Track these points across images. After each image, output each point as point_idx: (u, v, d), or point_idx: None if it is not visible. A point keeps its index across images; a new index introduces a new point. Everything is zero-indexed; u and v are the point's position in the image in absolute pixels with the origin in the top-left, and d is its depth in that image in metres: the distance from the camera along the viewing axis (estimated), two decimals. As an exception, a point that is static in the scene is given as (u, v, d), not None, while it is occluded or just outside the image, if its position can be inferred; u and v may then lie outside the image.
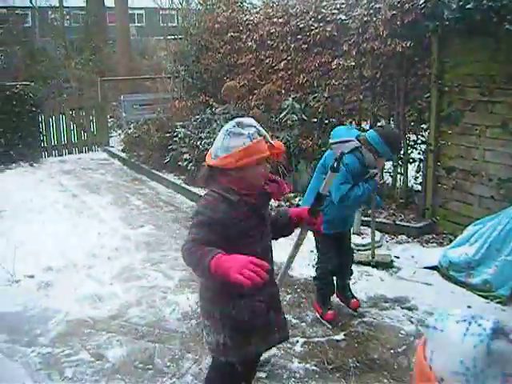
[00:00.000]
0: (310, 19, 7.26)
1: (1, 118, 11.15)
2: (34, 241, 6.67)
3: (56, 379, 3.90)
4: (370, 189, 4.22)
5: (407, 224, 6.52)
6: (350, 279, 4.83)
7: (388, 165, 7.22)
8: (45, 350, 4.30)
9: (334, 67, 6.86)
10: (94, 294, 5.29)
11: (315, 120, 7.47)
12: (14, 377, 3.94)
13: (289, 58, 7.76)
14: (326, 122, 7.41)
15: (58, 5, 21.08)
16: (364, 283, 5.31)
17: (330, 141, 4.37)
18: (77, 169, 11.25)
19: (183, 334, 4.48)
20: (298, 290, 5.25)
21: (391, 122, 7.17)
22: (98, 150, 12.98)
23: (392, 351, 4.11)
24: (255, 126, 2.52)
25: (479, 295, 4.98)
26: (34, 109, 11.58)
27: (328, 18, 7.07)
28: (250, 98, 8.64)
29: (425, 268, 5.56)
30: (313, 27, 7.16)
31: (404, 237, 6.43)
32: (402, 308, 4.78)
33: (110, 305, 5.06)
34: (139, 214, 7.96)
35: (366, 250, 5.85)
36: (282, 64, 7.85)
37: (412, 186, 7.21)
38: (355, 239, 6.22)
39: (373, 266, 5.56)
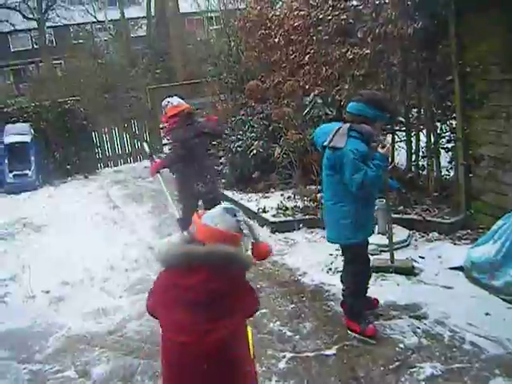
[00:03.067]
0: (328, 9, 6.88)
1: (55, 133, 11.56)
2: (61, 255, 6.79)
3: (36, 398, 3.86)
4: (380, 164, 3.88)
5: (439, 220, 5.98)
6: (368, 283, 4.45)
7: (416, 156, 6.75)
8: (36, 367, 4.32)
9: (351, 57, 6.44)
10: (101, 308, 5.26)
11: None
12: (-1, 396, 3.95)
13: (312, 51, 7.40)
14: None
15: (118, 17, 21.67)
16: (377, 288, 4.89)
17: (323, 141, 4.06)
18: (127, 178, 11.46)
19: (171, 350, 4.30)
20: (304, 299, 4.94)
21: (421, 111, 6.67)
22: (152, 158, 13.16)
23: (382, 368, 3.72)
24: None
25: (503, 299, 4.43)
26: (85, 122, 11.91)
27: (342, 5, 6.67)
28: (282, 95, 8.35)
29: (450, 269, 5.06)
30: (330, 17, 6.78)
31: (436, 234, 5.90)
32: (410, 317, 4.35)
33: (113, 319, 5.02)
34: (172, 223, 7.89)
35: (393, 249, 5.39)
36: (307, 58, 7.51)
37: (446, 178, 6.64)
38: (380, 239, 5.81)
39: (390, 273, 5.11)
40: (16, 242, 7.66)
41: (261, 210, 7.32)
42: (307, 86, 7.52)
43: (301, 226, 6.76)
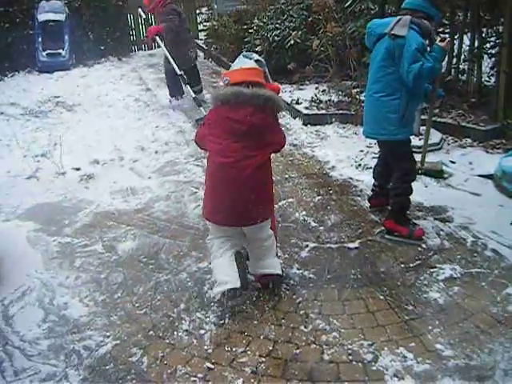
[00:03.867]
0: None
1: (89, 13, 11.25)
2: (93, 134, 6.83)
3: (65, 268, 4.01)
4: (437, 56, 3.76)
5: (473, 126, 5.74)
6: None
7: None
8: (65, 239, 4.43)
9: None
10: (130, 187, 5.33)
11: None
12: (30, 263, 4.10)
13: None
14: (394, 12, 6.55)
15: None
16: (405, 188, 4.81)
17: (383, 30, 3.85)
18: (161, 62, 11.15)
19: (196, 231, 4.38)
20: (331, 192, 4.90)
21: (468, 13, 6.21)
22: (187, 43, 12.83)
23: (402, 265, 3.71)
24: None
25: (532, 210, 4.31)
26: (120, 3, 11.52)
27: None
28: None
29: (480, 176, 4.91)
30: None
31: (469, 140, 5.70)
32: (435, 219, 4.28)
33: (140, 199, 5.08)
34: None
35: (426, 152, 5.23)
36: None
37: (485, 85, 6.29)
38: (414, 141, 5.63)
39: (420, 174, 4.96)
40: (48, 119, 7.70)
41: (294, 102, 7.14)
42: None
43: (333, 120, 6.61)
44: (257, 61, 3.39)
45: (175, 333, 3.20)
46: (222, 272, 3.32)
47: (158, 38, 7.61)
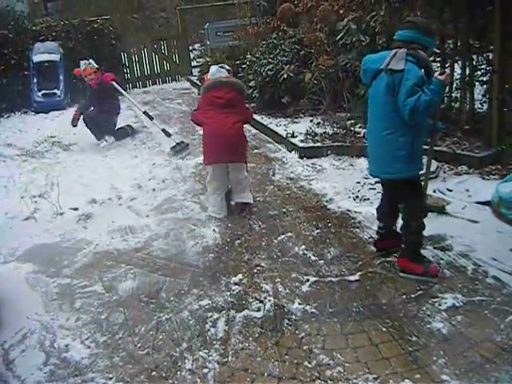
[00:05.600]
0: None
1: (83, 52, 11.38)
2: (89, 173, 6.87)
3: (65, 309, 3.98)
4: (435, 89, 3.60)
5: (468, 153, 5.79)
6: None
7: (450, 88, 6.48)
8: (65, 280, 4.41)
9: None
10: (128, 226, 5.33)
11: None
12: (30, 305, 4.07)
13: (348, -28, 7.03)
14: (384, 43, 6.68)
15: None
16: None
17: (379, 66, 3.76)
18: (156, 99, 11.38)
19: (196, 269, 4.38)
20: (330, 225, 4.91)
21: (458, 42, 6.34)
22: (181, 80, 13.02)
23: (404, 296, 3.70)
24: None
25: (530, 236, 4.33)
26: (114, 42, 11.71)
27: None
28: (315, 20, 8.03)
29: (477, 203, 4.94)
30: None
31: (464, 167, 5.74)
32: (435, 248, 4.28)
33: (139, 237, 5.07)
34: (199, 144, 7.83)
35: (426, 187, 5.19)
36: (342, -19, 7.14)
37: (478, 112, 6.38)
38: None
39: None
40: (45, 159, 7.75)
41: (289, 135, 7.21)
42: (341, 11, 7.23)
43: (329, 152, 6.66)
44: (228, 70, 5.44)
45: (178, 372, 3.17)
46: (216, 206, 5.34)
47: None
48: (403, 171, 3.78)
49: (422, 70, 3.67)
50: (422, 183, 4.05)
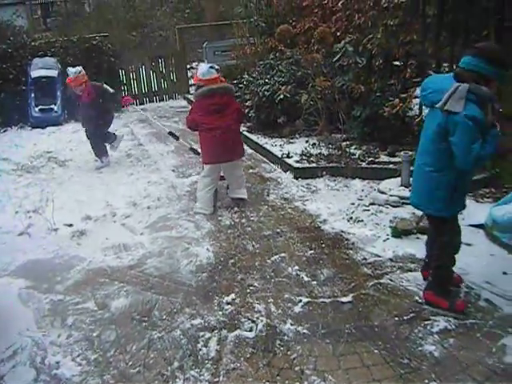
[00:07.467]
0: None
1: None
2: (84, 190, 6.88)
3: (57, 326, 3.98)
4: (494, 140, 3.39)
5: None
6: None
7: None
8: (57, 297, 4.41)
9: (385, 5, 6.20)
10: (122, 243, 5.32)
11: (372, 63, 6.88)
12: (22, 321, 4.06)
13: (346, -3, 7.17)
14: (381, 65, 6.79)
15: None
16: (396, 241, 4.88)
17: (437, 98, 3.46)
18: (153, 117, 11.37)
19: (189, 288, 4.38)
20: (323, 246, 4.93)
21: (453, 66, 6.43)
22: (178, 98, 13.11)
23: (396, 319, 3.71)
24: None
25: (523, 259, 4.36)
26: (112, 59, 11.79)
27: None
28: (312, 41, 8.15)
29: (470, 226, 4.97)
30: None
31: (458, 190, 5.79)
32: (428, 270, 4.30)
33: (133, 255, 5.07)
34: (195, 163, 7.89)
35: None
36: (340, 4, 7.26)
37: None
38: (402, 192, 5.74)
39: (415, 233, 4.96)
40: (41, 175, 7.76)
41: (285, 156, 7.25)
42: (338, 33, 7.35)
43: (324, 173, 6.70)
44: (217, 70, 5.80)
45: (169, 392, 3.16)
46: (204, 202, 5.86)
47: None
48: (442, 211, 3.68)
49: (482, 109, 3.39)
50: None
